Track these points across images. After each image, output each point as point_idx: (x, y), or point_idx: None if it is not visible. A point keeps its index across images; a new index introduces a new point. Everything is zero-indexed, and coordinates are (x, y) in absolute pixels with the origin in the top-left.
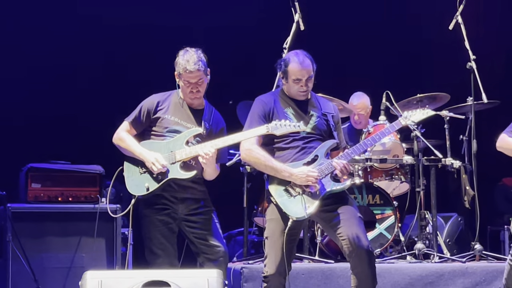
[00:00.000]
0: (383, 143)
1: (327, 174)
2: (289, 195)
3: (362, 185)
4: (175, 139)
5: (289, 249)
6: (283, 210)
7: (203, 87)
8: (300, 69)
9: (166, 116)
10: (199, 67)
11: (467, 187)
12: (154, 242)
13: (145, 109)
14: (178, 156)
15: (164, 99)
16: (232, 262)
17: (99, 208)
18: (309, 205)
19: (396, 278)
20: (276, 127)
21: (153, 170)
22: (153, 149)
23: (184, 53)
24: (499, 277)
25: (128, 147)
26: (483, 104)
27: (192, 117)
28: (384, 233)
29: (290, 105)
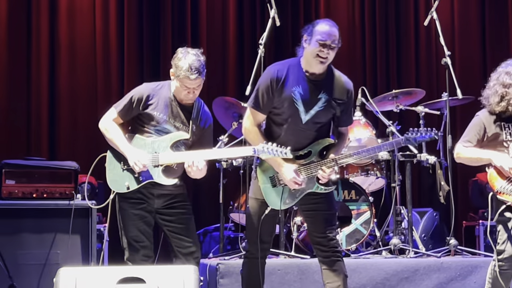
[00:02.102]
0: (359, 138)
1: (314, 174)
2: (272, 184)
3: (338, 180)
4: (161, 139)
5: (268, 232)
6: (264, 197)
7: (199, 91)
8: (328, 30)
9: (155, 113)
10: (200, 74)
11: (442, 183)
12: (130, 235)
13: (136, 100)
14: (162, 160)
15: (155, 92)
16: (208, 258)
17: (74, 204)
18: (288, 201)
19: (371, 273)
20: (263, 151)
21: (135, 170)
22: (138, 146)
23: (185, 55)
24: (473, 272)
25: (113, 139)
26: (458, 99)
27: (182, 116)
28: (359, 229)
29: (301, 83)
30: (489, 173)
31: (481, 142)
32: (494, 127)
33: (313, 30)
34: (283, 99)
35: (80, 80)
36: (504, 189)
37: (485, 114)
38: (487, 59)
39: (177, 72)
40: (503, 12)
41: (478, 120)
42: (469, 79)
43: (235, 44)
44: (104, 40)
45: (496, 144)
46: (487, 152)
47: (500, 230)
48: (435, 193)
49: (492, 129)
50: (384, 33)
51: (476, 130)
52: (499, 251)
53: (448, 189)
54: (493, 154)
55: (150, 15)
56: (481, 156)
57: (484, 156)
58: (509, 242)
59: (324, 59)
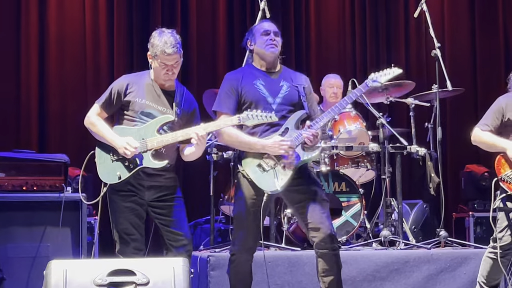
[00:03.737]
0: (349, 130)
1: (297, 145)
2: (262, 170)
3: (328, 172)
4: (146, 126)
5: (256, 226)
6: (257, 185)
7: (178, 69)
8: (268, 23)
9: (137, 99)
10: (177, 49)
11: (432, 174)
12: (120, 228)
13: (115, 91)
14: (150, 144)
15: (135, 81)
16: (198, 250)
17: (64, 197)
18: (282, 178)
19: (362, 265)
20: (248, 118)
21: (127, 155)
22: (124, 135)
23: (160, 34)
24: (463, 263)
25: (99, 132)
26: (448, 91)
27: (164, 100)
28: (350, 221)
29: (259, 77)
30: (498, 159)
31: (499, 127)
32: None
33: (253, 32)
34: (248, 92)
35: (70, 72)
36: (509, 177)
37: (506, 98)
38: (477, 51)
39: (154, 51)
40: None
41: (498, 104)
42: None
43: (225, 36)
44: (93, 32)
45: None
46: (504, 141)
47: (500, 218)
48: (425, 185)
49: (510, 114)
50: (374, 24)
51: (495, 114)
52: (497, 238)
53: (438, 180)
54: (508, 145)
55: (140, 7)
56: (496, 143)
57: (500, 144)
58: (509, 229)
59: (273, 41)
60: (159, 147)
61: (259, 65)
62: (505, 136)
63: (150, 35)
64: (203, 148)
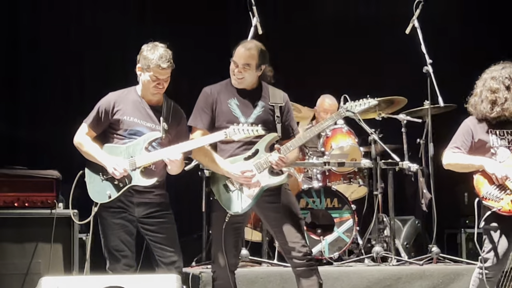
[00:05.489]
0: (341, 146)
1: (265, 168)
2: (227, 190)
3: (321, 188)
4: (135, 143)
5: (233, 243)
6: (221, 205)
7: (167, 83)
8: (241, 52)
9: (125, 117)
10: (171, 64)
11: (424, 190)
12: (111, 245)
13: (103, 110)
14: (139, 162)
15: (122, 98)
16: (190, 266)
17: (56, 213)
18: (246, 201)
19: (354, 281)
20: (234, 133)
21: (115, 176)
22: (113, 153)
23: (154, 48)
24: (456, 279)
25: (88, 151)
26: (440, 107)
27: (152, 116)
28: (342, 237)
29: (235, 96)
30: (476, 179)
31: (469, 149)
32: (481, 134)
33: (233, 51)
34: (221, 111)
35: None
36: (490, 195)
37: (472, 121)
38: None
39: (146, 63)
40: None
41: (466, 127)
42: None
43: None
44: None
45: (484, 151)
46: (479, 159)
47: (485, 238)
48: (417, 201)
49: (480, 135)
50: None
51: (464, 136)
52: (484, 259)
53: (430, 196)
54: (485, 161)
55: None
56: (473, 162)
57: (476, 163)
58: (493, 251)
59: (239, 79)
60: (148, 165)
61: (233, 83)
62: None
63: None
64: (179, 167)
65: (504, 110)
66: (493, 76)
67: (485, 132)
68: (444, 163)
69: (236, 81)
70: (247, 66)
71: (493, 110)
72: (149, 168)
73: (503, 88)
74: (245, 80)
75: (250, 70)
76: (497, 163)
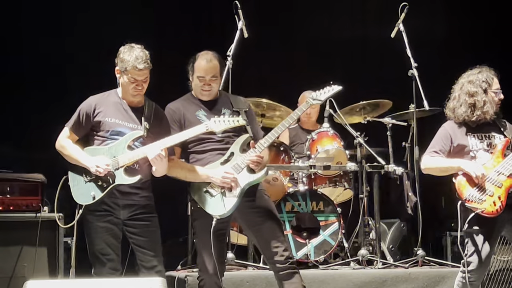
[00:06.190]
0: (327, 150)
1: (243, 168)
2: (209, 196)
3: (306, 191)
4: (117, 143)
5: (218, 248)
6: (206, 211)
7: (147, 84)
8: (205, 66)
9: (107, 119)
10: (148, 65)
11: (409, 194)
12: (96, 248)
13: (84, 113)
14: (121, 161)
15: (102, 100)
16: (176, 270)
17: (41, 217)
18: (230, 202)
19: (340, 284)
20: (215, 124)
21: (100, 173)
22: (96, 154)
23: (130, 49)
24: (441, 282)
25: (70, 154)
26: (425, 111)
27: (133, 116)
28: (328, 240)
29: (200, 107)
30: (458, 181)
31: (448, 153)
32: (460, 138)
33: (193, 67)
34: (191, 124)
35: None
36: (473, 197)
37: (451, 125)
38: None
39: (123, 65)
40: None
41: (444, 131)
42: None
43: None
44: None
45: (464, 154)
46: (457, 160)
47: (468, 242)
48: (402, 204)
49: (459, 139)
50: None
51: (442, 141)
52: (467, 263)
53: (416, 200)
54: (463, 162)
55: None
56: (451, 164)
57: (454, 164)
58: (476, 254)
59: (208, 91)
60: (131, 163)
61: (197, 95)
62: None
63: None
64: (163, 165)
65: (485, 113)
66: (470, 80)
67: (464, 135)
68: (423, 168)
69: (205, 94)
70: (214, 78)
71: (473, 114)
72: (133, 167)
73: (481, 91)
74: (213, 91)
75: (217, 80)
76: (475, 163)
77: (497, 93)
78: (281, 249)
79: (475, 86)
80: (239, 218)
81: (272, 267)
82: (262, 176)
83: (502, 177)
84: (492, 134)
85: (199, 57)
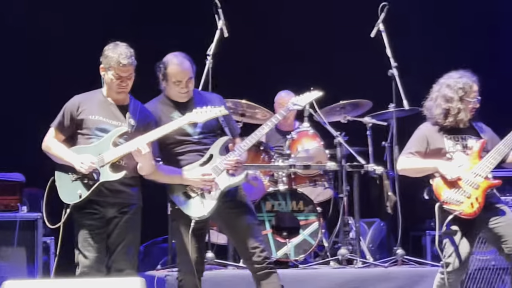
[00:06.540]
0: (307, 149)
1: (222, 170)
2: (188, 197)
3: (286, 191)
4: (102, 141)
5: (198, 249)
6: (185, 212)
7: (131, 81)
8: (179, 70)
9: (90, 116)
10: (132, 61)
11: (389, 193)
12: (80, 247)
13: (68, 112)
14: (107, 158)
15: (87, 99)
16: (156, 270)
17: (19, 216)
18: (209, 204)
19: (320, 283)
20: (197, 115)
21: (84, 170)
22: (82, 153)
23: (115, 46)
24: (420, 281)
25: (56, 153)
26: (405, 110)
27: (118, 114)
28: (308, 239)
29: (176, 109)
30: (435, 183)
31: (424, 155)
32: (436, 140)
33: (166, 73)
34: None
35: None
36: (450, 199)
37: (427, 127)
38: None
39: (108, 62)
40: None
41: (421, 133)
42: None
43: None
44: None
45: (440, 156)
46: (433, 161)
47: (446, 243)
48: (382, 204)
49: (435, 141)
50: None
51: (419, 143)
52: (446, 264)
53: (395, 199)
54: (439, 163)
55: None
56: (427, 165)
57: (430, 165)
58: (455, 255)
59: (186, 93)
60: (117, 160)
61: (172, 97)
62: None
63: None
64: (147, 160)
65: (458, 121)
66: (449, 84)
67: (440, 137)
68: (399, 169)
69: (183, 97)
70: (190, 79)
71: (446, 120)
72: (119, 164)
73: (457, 98)
74: (190, 92)
75: (192, 79)
76: (451, 164)
77: (473, 101)
78: (258, 249)
79: (452, 92)
80: (218, 218)
81: (249, 268)
82: (242, 179)
83: (479, 178)
84: (468, 135)
85: (169, 63)
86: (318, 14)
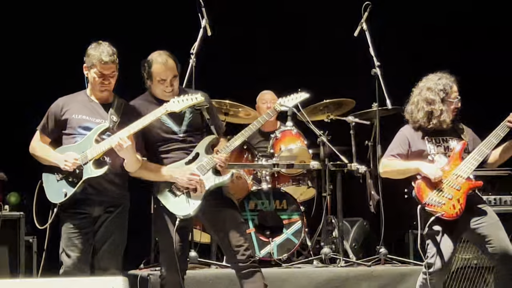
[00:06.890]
0: (290, 148)
1: (208, 169)
2: (173, 195)
3: (270, 190)
4: (84, 139)
5: (181, 247)
6: (170, 210)
7: (114, 80)
8: (164, 69)
9: (74, 115)
10: (114, 59)
11: (372, 192)
12: (64, 247)
13: (52, 114)
14: (90, 155)
15: (70, 99)
16: (139, 268)
17: (2, 215)
18: (194, 202)
19: (302, 282)
20: (174, 104)
21: (68, 167)
22: (66, 152)
23: (97, 45)
24: (403, 280)
25: (41, 155)
26: (388, 110)
27: (102, 112)
28: (291, 238)
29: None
30: (417, 185)
31: (406, 157)
32: (418, 142)
33: (150, 72)
34: (153, 125)
35: None
36: (433, 200)
37: (408, 130)
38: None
39: (90, 60)
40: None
41: (402, 136)
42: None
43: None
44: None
45: (421, 158)
46: (415, 162)
47: (429, 243)
48: (365, 202)
49: (416, 143)
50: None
51: (400, 145)
52: (429, 265)
53: (378, 198)
54: (421, 164)
55: None
56: (408, 166)
57: (412, 166)
58: (438, 256)
59: (171, 92)
60: (99, 156)
61: (158, 96)
62: None
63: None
64: (129, 154)
65: (442, 122)
66: (429, 87)
67: (422, 140)
68: (381, 171)
69: (168, 95)
70: (174, 77)
71: (430, 122)
72: (102, 160)
73: (438, 100)
74: (175, 90)
75: (177, 78)
76: (432, 165)
77: (455, 102)
78: (242, 248)
79: (433, 94)
80: (202, 217)
81: (233, 266)
82: (228, 179)
83: (460, 179)
84: (449, 137)
85: (154, 61)
86: (300, 14)
